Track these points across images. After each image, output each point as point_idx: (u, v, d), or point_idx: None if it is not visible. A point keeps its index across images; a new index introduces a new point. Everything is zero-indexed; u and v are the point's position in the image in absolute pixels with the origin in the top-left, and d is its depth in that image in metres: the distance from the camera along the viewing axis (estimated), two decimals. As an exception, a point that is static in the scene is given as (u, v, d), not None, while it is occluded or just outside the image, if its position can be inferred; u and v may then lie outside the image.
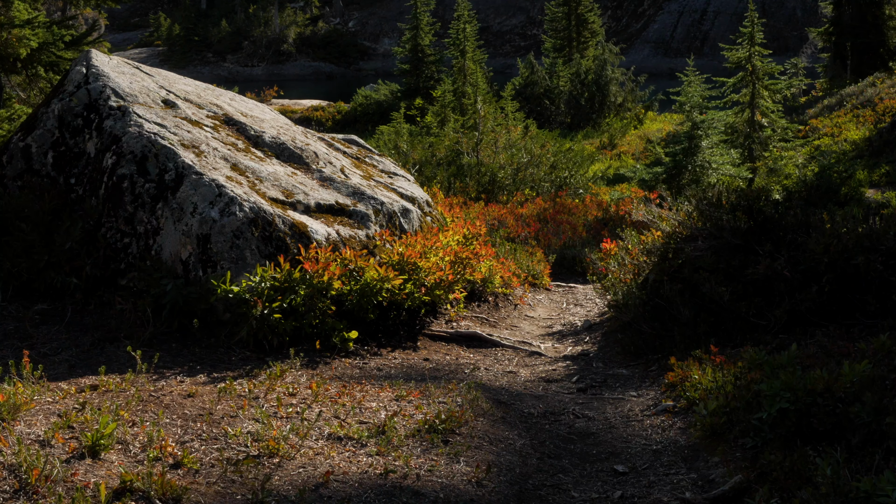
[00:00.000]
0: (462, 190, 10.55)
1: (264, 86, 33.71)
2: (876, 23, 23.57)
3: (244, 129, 4.94)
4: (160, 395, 3.17)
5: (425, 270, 4.39)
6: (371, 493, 2.55)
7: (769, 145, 16.03)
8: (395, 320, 4.33)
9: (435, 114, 16.41)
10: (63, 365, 3.55)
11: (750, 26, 16.66)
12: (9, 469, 2.37)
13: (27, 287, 4.09)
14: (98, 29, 17.64)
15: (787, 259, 3.83)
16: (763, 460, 2.55)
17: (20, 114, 8.61)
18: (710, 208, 4.39)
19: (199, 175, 4.16)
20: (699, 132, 14.08)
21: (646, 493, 2.72)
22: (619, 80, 23.95)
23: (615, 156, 19.74)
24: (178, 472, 2.53)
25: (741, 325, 3.85)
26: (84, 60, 4.77)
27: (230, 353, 3.78)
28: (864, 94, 20.33)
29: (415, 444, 2.93)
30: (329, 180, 4.82)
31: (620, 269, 4.95)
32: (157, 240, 4.09)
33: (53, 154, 4.46)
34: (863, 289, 3.68)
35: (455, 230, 5.08)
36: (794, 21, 42.83)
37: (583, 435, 3.27)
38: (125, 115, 4.41)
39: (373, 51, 48.09)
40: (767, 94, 16.40)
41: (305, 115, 25.18)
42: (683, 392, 3.37)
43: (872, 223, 3.88)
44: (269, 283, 3.87)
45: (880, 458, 2.36)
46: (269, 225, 4.12)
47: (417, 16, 26.10)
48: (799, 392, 2.65)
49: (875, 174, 14.09)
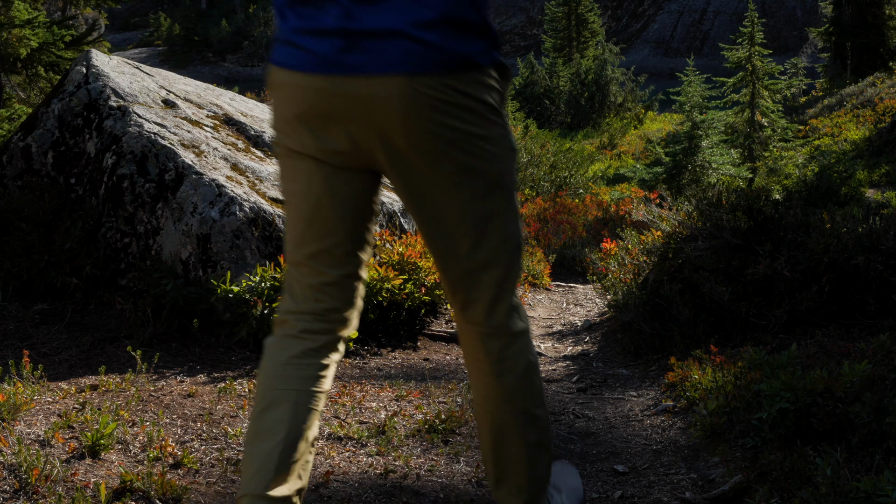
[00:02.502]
0: (462, 190, 10.53)
1: (264, 86, 33.76)
2: (876, 23, 23.58)
3: (244, 128, 4.94)
4: (160, 394, 3.17)
5: (425, 270, 4.39)
6: (371, 493, 2.56)
7: (769, 145, 16.05)
8: (395, 320, 4.33)
9: (435, 114, 16.42)
10: (63, 365, 3.55)
11: (750, 26, 16.68)
12: (9, 469, 2.37)
13: (27, 287, 4.09)
14: (98, 29, 17.62)
15: (787, 259, 3.83)
16: (763, 460, 2.55)
17: (20, 114, 8.62)
18: (710, 208, 4.39)
19: (200, 175, 4.17)
20: (699, 132, 14.09)
21: (646, 493, 2.73)
22: (619, 80, 23.97)
23: (615, 156, 19.76)
24: (178, 472, 2.54)
25: (741, 325, 3.85)
26: (84, 60, 4.77)
27: (230, 353, 3.78)
28: (864, 94, 20.34)
29: (415, 444, 2.94)
30: (329, 180, 4.82)
31: (620, 269, 4.95)
32: (157, 240, 4.10)
33: (53, 154, 4.46)
34: (863, 289, 3.68)
35: (455, 230, 5.08)
36: (794, 21, 42.84)
37: (583, 435, 3.27)
38: (125, 115, 4.41)
39: (373, 51, 47.98)
40: (767, 94, 16.43)
41: (305, 115, 25.21)
42: (683, 392, 3.37)
43: (872, 223, 3.88)
44: (269, 283, 3.87)
45: (880, 458, 2.36)
46: (270, 225, 4.12)
47: (417, 16, 26.05)
48: (799, 392, 2.65)
49: (875, 174, 14.11)
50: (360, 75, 1.68)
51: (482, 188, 1.80)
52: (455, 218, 1.82)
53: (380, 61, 1.67)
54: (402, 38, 1.66)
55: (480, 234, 1.83)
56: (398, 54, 1.66)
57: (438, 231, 1.85)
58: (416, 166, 1.76)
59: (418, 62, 1.67)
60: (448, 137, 1.73)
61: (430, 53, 1.67)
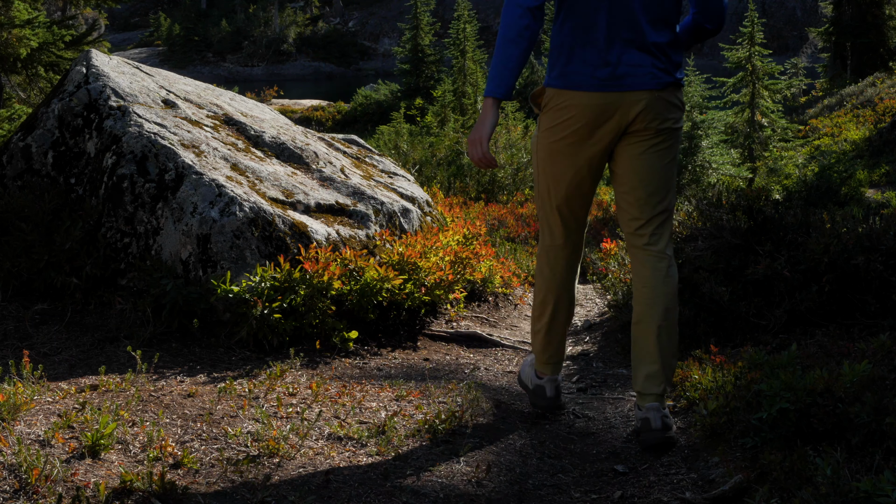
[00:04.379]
0: (462, 190, 10.55)
1: (264, 86, 33.69)
2: (876, 23, 23.56)
3: (244, 128, 4.94)
4: (160, 394, 3.17)
5: (425, 270, 4.39)
6: (371, 493, 2.56)
7: (769, 145, 16.02)
8: (395, 320, 4.33)
9: (435, 114, 16.41)
10: (63, 365, 3.55)
11: (750, 26, 16.66)
12: (9, 469, 2.37)
13: (27, 287, 4.09)
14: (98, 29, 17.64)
15: (787, 259, 3.83)
16: (763, 460, 2.55)
17: (20, 114, 8.62)
18: (709, 208, 4.39)
19: (200, 175, 4.16)
20: (699, 132, 14.08)
21: (646, 493, 2.72)
22: (620, 80, 23.91)
23: (615, 156, 19.69)
24: (178, 472, 2.54)
25: (741, 325, 3.85)
26: (84, 60, 4.77)
27: (230, 353, 3.78)
28: (864, 94, 20.32)
29: (415, 444, 2.94)
30: (329, 180, 4.81)
31: (620, 269, 4.95)
32: (157, 240, 4.09)
33: (53, 154, 4.46)
34: (863, 289, 3.68)
35: (455, 230, 5.08)
36: (794, 21, 42.81)
37: (583, 435, 3.26)
38: (125, 115, 4.41)
39: (373, 51, 48.02)
40: (767, 94, 16.40)
41: (305, 115, 25.18)
42: (683, 392, 3.37)
43: (872, 223, 3.88)
44: (269, 283, 3.87)
45: (880, 458, 2.36)
46: (269, 225, 4.12)
47: (417, 16, 26.09)
48: (799, 392, 2.65)
49: (875, 174, 14.09)
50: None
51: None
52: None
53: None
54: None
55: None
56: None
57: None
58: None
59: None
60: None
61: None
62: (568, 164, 2.95)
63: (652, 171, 2.95)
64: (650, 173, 2.95)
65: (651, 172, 2.95)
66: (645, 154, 2.92)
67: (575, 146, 2.91)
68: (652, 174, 2.95)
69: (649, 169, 2.94)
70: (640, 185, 2.96)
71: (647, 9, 2.85)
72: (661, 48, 2.88)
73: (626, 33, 2.84)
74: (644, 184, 2.95)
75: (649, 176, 2.95)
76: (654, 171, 2.95)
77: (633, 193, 2.98)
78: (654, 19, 2.87)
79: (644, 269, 2.99)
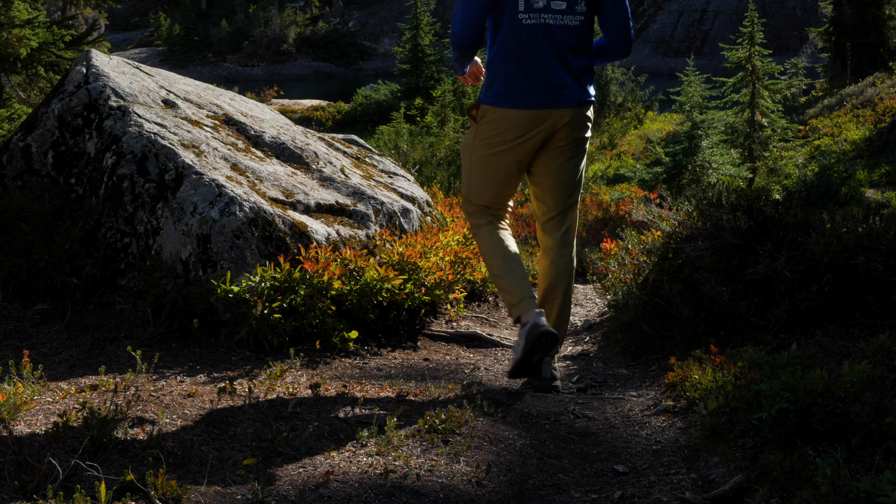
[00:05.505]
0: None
1: (264, 86, 33.66)
2: (876, 23, 23.54)
3: (244, 128, 4.94)
4: (160, 394, 3.17)
5: (425, 270, 4.39)
6: (371, 493, 2.55)
7: (769, 145, 16.01)
8: (395, 320, 4.33)
9: (435, 114, 16.41)
10: (63, 365, 3.55)
11: (750, 26, 16.64)
12: (9, 469, 2.37)
13: (27, 287, 4.09)
14: (98, 29, 17.64)
15: (787, 259, 3.83)
16: (763, 460, 2.55)
17: (20, 114, 8.62)
18: (710, 208, 4.39)
19: (199, 175, 4.16)
20: (699, 132, 14.07)
21: (646, 493, 2.72)
22: (619, 80, 23.91)
23: (615, 156, 19.72)
24: (178, 472, 2.53)
25: (741, 325, 3.84)
26: (84, 60, 4.77)
27: (230, 353, 3.78)
28: (864, 94, 20.30)
29: (415, 444, 2.94)
30: (329, 180, 4.81)
31: (620, 269, 4.95)
32: (157, 240, 4.09)
33: (53, 154, 4.46)
34: (863, 289, 3.68)
35: (455, 230, 5.08)
36: (794, 21, 42.80)
37: (583, 435, 3.26)
38: (125, 115, 4.41)
39: (373, 51, 47.98)
40: (767, 94, 16.39)
41: (305, 115, 25.15)
42: (683, 392, 3.37)
43: (872, 223, 3.88)
44: (269, 283, 3.87)
45: (880, 458, 2.36)
46: (269, 225, 4.12)
47: (417, 16, 26.07)
48: (799, 392, 2.65)
49: (875, 174, 14.07)
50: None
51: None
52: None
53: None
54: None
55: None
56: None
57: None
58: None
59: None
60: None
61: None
62: (501, 166, 3.59)
63: (569, 174, 3.64)
64: (568, 176, 3.64)
65: (569, 176, 3.64)
66: (565, 162, 3.61)
67: (506, 152, 3.55)
68: (569, 177, 3.64)
69: (567, 173, 3.63)
70: (557, 187, 3.64)
71: (570, 40, 3.48)
72: (581, 72, 3.52)
73: (553, 60, 3.47)
74: (560, 185, 3.64)
75: (567, 179, 3.64)
76: (570, 174, 3.64)
77: (551, 193, 3.66)
78: (574, 48, 3.50)
79: (552, 253, 3.71)
